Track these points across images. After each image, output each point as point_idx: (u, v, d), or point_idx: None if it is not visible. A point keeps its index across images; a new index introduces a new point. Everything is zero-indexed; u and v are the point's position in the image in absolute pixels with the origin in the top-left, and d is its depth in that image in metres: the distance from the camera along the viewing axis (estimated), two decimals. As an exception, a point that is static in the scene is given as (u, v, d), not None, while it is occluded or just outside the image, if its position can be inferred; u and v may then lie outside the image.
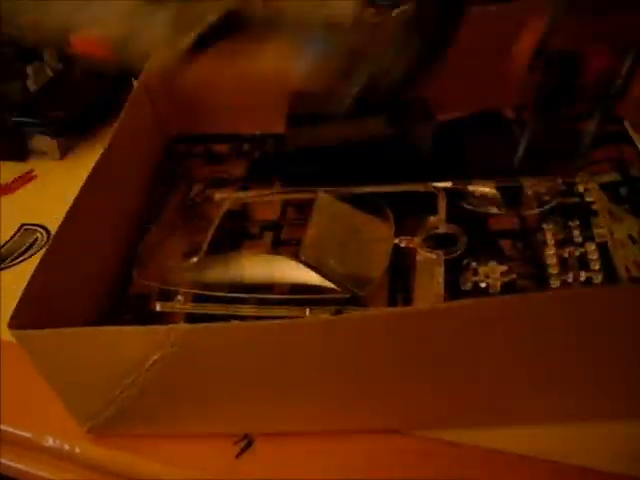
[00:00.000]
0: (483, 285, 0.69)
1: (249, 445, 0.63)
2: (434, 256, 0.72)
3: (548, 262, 0.71)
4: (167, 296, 0.74)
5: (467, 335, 0.55)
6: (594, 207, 0.74)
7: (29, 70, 1.06)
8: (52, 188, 1.00)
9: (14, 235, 0.94)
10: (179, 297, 0.74)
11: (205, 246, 0.76)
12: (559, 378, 0.59)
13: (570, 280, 0.69)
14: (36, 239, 0.93)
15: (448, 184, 0.79)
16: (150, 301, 0.75)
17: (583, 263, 0.70)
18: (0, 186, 1.02)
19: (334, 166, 0.78)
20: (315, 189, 0.78)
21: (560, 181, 0.78)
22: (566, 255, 0.72)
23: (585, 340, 0.57)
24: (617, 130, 0.88)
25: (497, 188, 0.77)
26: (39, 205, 0.99)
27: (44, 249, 0.63)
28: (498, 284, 0.70)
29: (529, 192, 0.77)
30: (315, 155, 0.77)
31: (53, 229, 0.64)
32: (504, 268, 0.71)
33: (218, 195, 0.86)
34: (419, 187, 0.78)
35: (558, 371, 0.59)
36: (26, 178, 1.03)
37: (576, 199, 0.76)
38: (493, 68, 0.68)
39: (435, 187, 0.78)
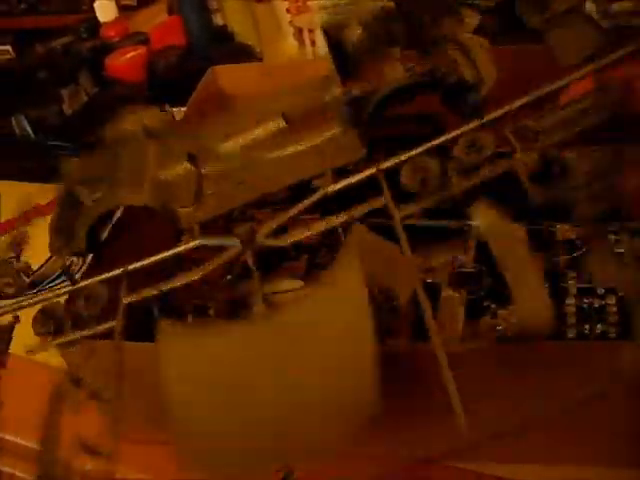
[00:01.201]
0: (499, 328, 0.71)
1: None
2: (457, 294, 0.74)
3: (567, 311, 0.73)
4: (201, 310, 0.78)
5: (480, 376, 0.58)
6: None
7: (64, 93, 1.07)
8: None
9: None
10: (211, 312, 0.78)
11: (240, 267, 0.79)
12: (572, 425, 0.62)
13: (587, 331, 0.71)
14: (71, 264, 0.92)
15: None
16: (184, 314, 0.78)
17: (602, 315, 0.72)
18: (36, 208, 1.04)
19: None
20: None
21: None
22: (586, 306, 0.73)
23: (593, 389, 0.59)
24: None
25: (527, 230, 0.79)
26: None
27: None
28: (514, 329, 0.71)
29: (560, 237, 0.79)
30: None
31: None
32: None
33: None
34: (452, 224, 0.80)
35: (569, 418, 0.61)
36: None
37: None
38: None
39: (467, 225, 0.80)
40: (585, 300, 0.74)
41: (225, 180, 0.69)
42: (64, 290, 0.64)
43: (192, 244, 0.65)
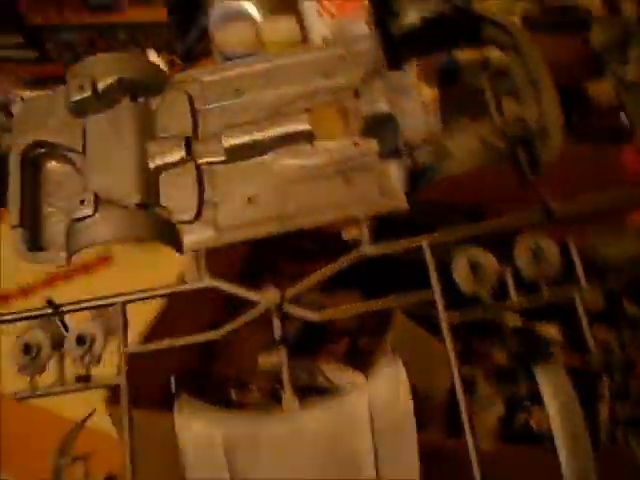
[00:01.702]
0: (534, 426, 0.71)
1: None
2: (493, 391, 0.74)
3: (601, 416, 0.73)
4: (243, 385, 0.78)
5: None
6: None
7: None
8: (129, 272, 0.98)
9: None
10: (253, 387, 0.78)
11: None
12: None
13: (619, 437, 0.71)
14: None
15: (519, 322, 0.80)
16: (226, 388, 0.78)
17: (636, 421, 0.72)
18: (81, 264, 1.03)
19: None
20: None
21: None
22: (619, 410, 0.73)
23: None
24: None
25: (564, 331, 0.79)
26: (116, 289, 0.99)
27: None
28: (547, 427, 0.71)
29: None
30: (395, 268, 0.79)
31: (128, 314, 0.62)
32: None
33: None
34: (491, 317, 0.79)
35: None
36: (103, 260, 1.05)
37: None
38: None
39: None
40: (620, 404, 0.73)
41: (230, 184, 0.60)
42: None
43: (200, 284, 0.57)
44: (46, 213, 0.62)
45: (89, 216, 0.56)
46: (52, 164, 0.63)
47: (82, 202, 0.56)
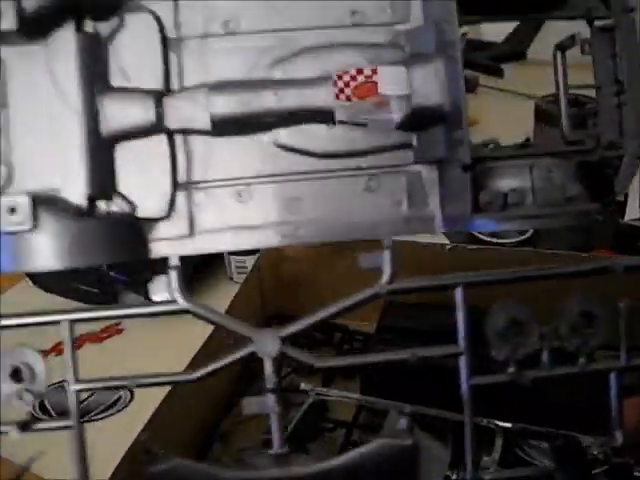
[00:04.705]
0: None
1: None
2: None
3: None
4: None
5: None
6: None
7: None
8: (139, 344, 0.97)
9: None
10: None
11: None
12: None
13: None
14: (119, 398, 0.90)
15: (509, 425, 0.74)
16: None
17: None
18: (89, 333, 1.00)
19: (411, 384, 0.73)
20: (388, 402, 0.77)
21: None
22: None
23: None
24: None
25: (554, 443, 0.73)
26: (125, 360, 0.95)
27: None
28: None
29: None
30: (395, 371, 0.71)
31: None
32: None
33: (303, 385, 0.84)
34: (480, 420, 0.72)
35: None
36: (114, 330, 1.02)
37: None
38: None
39: (496, 425, 0.73)
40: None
41: (213, 167, 0.45)
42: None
43: (173, 306, 0.43)
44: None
45: (24, 230, 0.40)
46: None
47: (13, 210, 0.40)
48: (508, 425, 0.75)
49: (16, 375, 0.43)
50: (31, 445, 0.56)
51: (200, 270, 1.08)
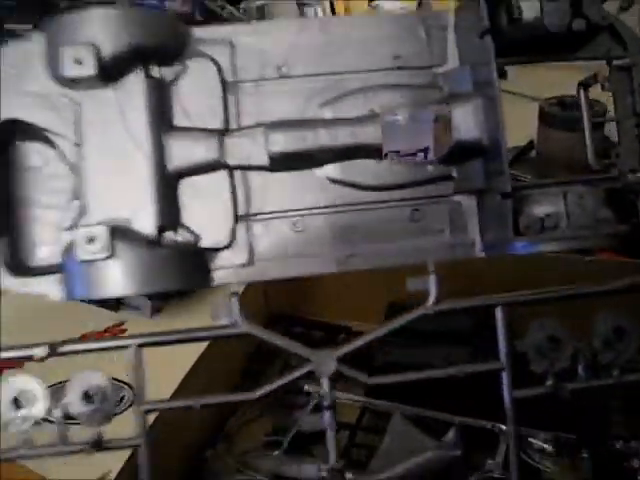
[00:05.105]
0: None
1: None
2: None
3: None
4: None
5: None
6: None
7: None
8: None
9: None
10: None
11: (286, 443, 0.77)
12: None
13: None
14: (123, 397, 0.87)
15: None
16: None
17: None
18: (92, 333, 0.98)
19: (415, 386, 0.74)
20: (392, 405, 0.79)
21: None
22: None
23: None
24: None
25: (557, 442, 0.75)
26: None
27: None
28: None
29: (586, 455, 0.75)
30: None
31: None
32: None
33: (307, 387, 0.85)
34: (485, 424, 0.75)
35: None
36: (117, 330, 1.00)
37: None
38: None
39: (500, 429, 0.74)
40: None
41: (270, 201, 0.49)
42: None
43: (235, 330, 0.46)
44: (28, 214, 0.47)
45: (101, 259, 0.43)
46: (27, 145, 0.48)
47: (91, 240, 0.43)
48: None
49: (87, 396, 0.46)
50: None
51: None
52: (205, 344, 0.80)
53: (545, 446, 0.78)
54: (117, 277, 0.44)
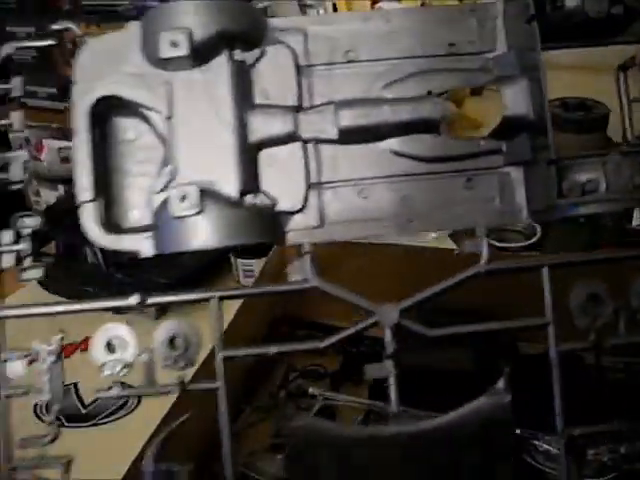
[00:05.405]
0: None
1: None
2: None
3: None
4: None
5: None
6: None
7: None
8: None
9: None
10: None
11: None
12: None
13: None
14: (127, 401, 0.91)
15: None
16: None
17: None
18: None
19: (420, 389, 0.76)
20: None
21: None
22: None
23: None
24: None
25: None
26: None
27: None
28: None
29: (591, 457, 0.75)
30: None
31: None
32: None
33: (312, 389, 0.88)
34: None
35: None
36: None
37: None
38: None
39: None
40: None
41: (338, 170, 0.54)
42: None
43: (306, 284, 0.52)
44: (122, 181, 0.53)
45: (191, 216, 0.49)
46: (122, 120, 0.54)
47: (183, 198, 0.49)
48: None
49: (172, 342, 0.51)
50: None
51: (209, 274, 1.13)
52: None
53: (549, 448, 0.81)
54: (205, 231, 0.49)
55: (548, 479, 0.81)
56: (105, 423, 0.89)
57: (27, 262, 0.52)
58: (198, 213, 0.49)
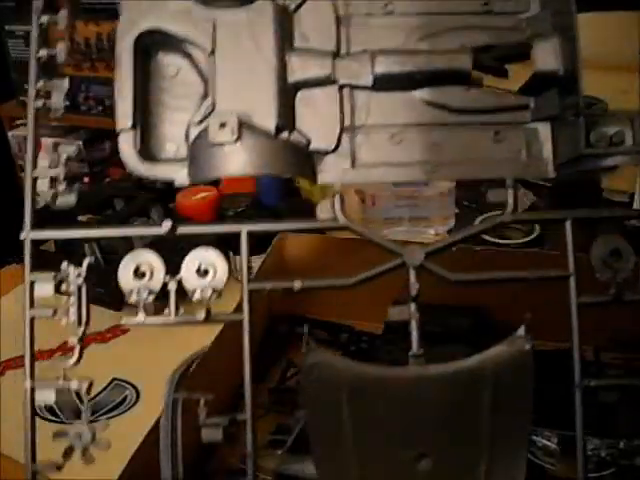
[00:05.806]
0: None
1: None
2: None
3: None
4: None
5: None
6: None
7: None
8: (145, 345, 0.95)
9: (105, 388, 0.93)
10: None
11: (290, 441, 0.81)
12: None
13: None
14: (125, 397, 0.92)
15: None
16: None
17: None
18: (95, 333, 1.03)
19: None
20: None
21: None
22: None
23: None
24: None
25: (559, 440, 0.78)
26: (131, 360, 0.98)
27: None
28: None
29: (589, 452, 0.76)
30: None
31: (142, 389, 0.59)
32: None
33: None
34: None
35: None
36: (120, 330, 1.04)
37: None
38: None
39: None
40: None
41: (372, 115, 0.55)
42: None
43: (334, 223, 0.52)
44: (160, 114, 0.54)
45: (229, 143, 0.50)
46: (166, 56, 0.55)
47: (223, 125, 0.50)
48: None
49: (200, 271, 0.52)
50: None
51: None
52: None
53: (549, 444, 0.80)
54: (241, 159, 0.50)
55: (547, 474, 0.81)
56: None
57: (61, 187, 0.53)
58: (236, 141, 0.50)
